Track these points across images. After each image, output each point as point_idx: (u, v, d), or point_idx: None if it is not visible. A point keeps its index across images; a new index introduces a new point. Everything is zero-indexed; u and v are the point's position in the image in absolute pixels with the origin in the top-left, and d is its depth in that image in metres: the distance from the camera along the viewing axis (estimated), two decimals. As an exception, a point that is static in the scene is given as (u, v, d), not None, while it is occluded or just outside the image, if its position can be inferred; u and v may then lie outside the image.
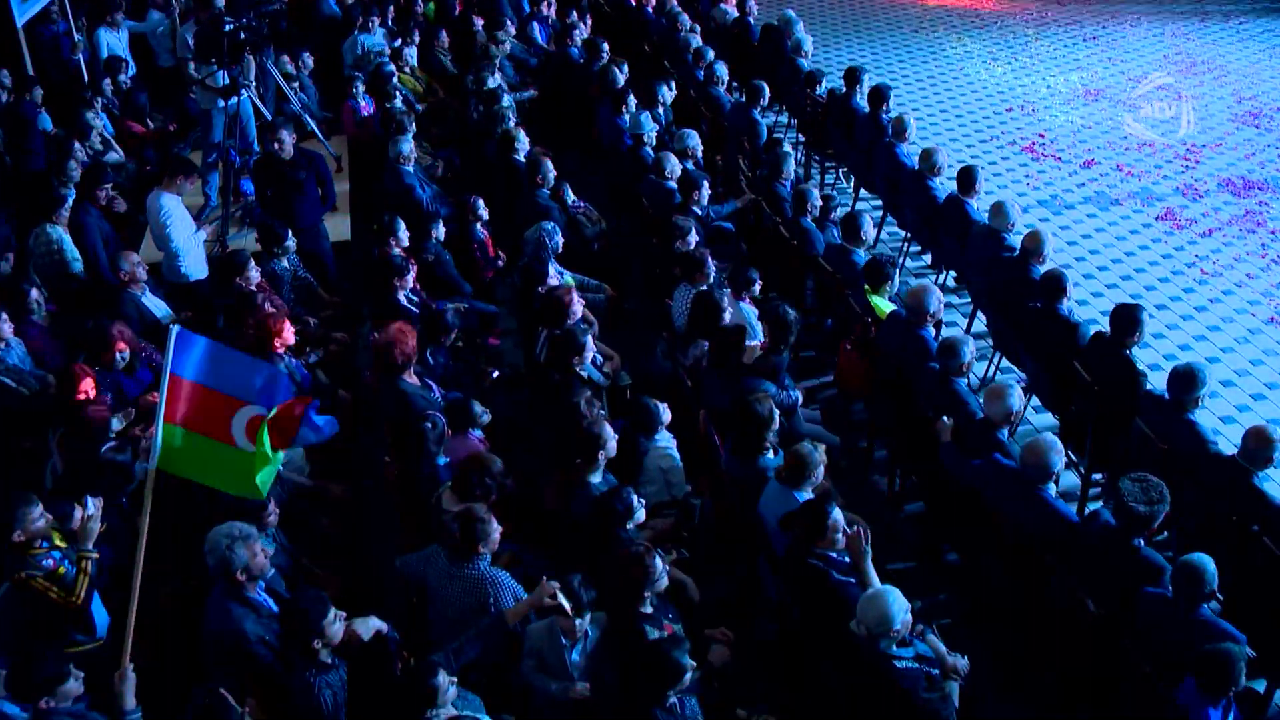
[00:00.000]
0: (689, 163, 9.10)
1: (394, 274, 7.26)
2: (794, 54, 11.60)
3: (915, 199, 8.92)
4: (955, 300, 9.31)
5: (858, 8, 17.57)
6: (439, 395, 6.56)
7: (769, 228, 8.37)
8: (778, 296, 7.20)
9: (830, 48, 15.64)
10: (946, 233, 8.56)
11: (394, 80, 10.68)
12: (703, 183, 8.18)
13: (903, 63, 15.06)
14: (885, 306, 7.14)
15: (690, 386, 6.62)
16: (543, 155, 9.78)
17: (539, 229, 7.65)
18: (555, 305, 6.67)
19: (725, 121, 10.39)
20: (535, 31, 12.82)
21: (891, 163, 9.35)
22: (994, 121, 13.05)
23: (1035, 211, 10.88)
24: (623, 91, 10.01)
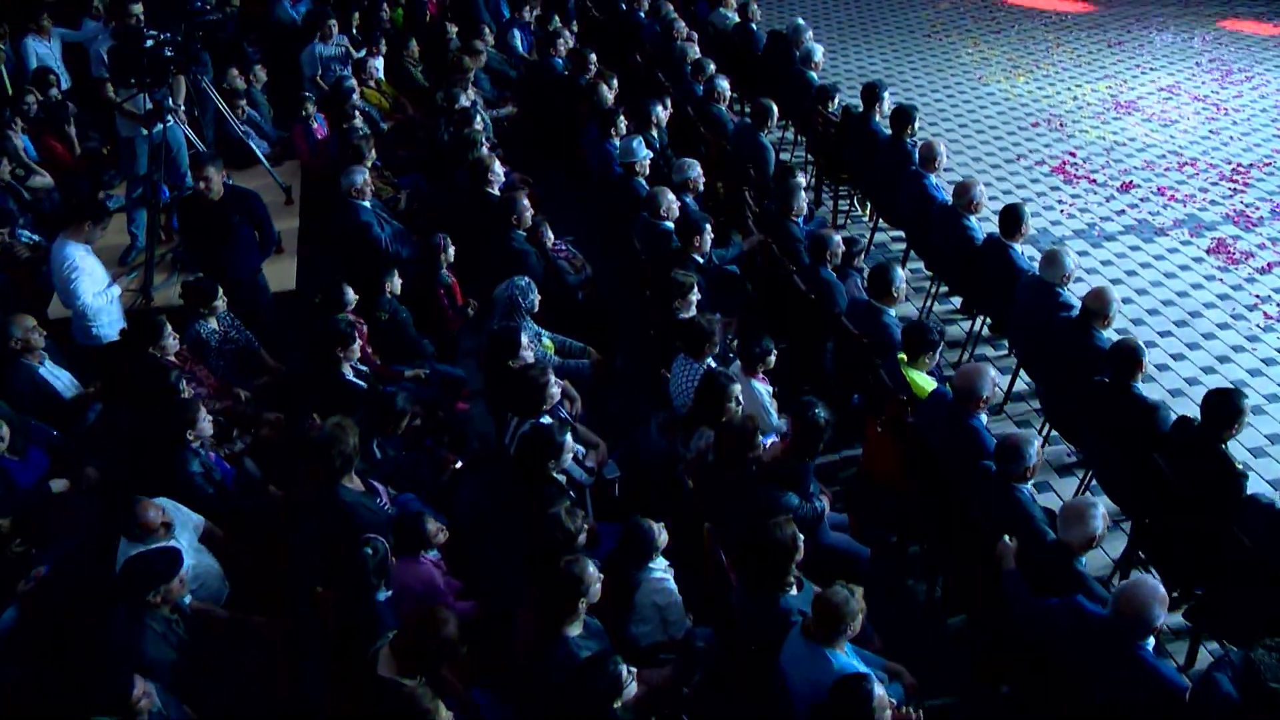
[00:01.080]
0: (689, 196, 7.93)
1: (336, 343, 6.07)
2: (803, 65, 10.41)
3: (948, 238, 7.75)
4: (991, 351, 8.16)
5: (865, 11, 16.39)
6: (386, 502, 5.39)
7: (781, 276, 7.19)
8: (809, 391, 6.02)
9: (837, 55, 14.45)
10: (987, 280, 7.40)
11: (354, 97, 9.48)
12: (705, 226, 7.00)
13: (915, 71, 13.89)
14: (925, 383, 5.98)
15: (692, 487, 5.45)
16: (521, 186, 8.61)
17: (510, 286, 6.47)
18: (528, 390, 5.50)
19: (729, 145, 9.21)
20: (515, 39, 11.61)
21: (919, 195, 8.18)
22: (1020, 139, 11.89)
23: (1072, 243, 9.72)
24: (612, 112, 8.81)
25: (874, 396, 6.23)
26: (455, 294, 7.28)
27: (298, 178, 9.05)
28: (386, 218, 8.08)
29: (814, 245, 6.98)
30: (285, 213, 8.54)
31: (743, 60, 11.72)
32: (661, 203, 7.38)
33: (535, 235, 7.49)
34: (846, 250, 7.30)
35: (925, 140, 8.26)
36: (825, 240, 6.92)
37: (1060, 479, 6.90)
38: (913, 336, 5.98)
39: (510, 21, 11.79)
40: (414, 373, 6.81)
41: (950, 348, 8.19)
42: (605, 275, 8.19)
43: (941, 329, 5.96)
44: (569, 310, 7.45)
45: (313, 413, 5.93)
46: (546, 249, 7.53)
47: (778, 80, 10.88)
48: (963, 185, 7.59)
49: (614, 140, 8.78)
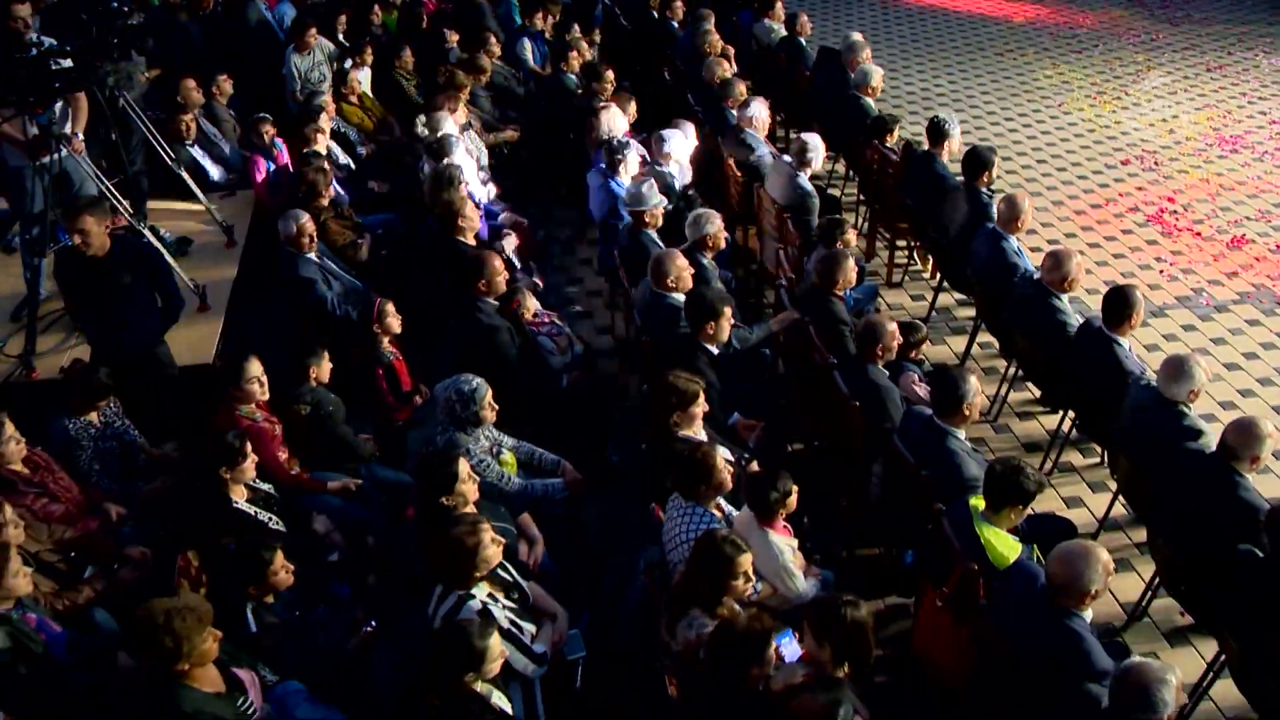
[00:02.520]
0: (707, 257, 6.37)
1: (224, 460, 4.60)
2: (857, 90, 8.80)
3: (1031, 319, 6.13)
4: (1079, 459, 6.51)
5: (931, 25, 14.70)
6: (253, 704, 3.90)
7: (819, 368, 5.62)
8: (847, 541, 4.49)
9: (898, 74, 12.80)
10: (1081, 376, 5.77)
11: (321, 118, 8.03)
12: (723, 310, 5.42)
13: (986, 95, 12.20)
14: (1007, 548, 4.38)
15: (675, 696, 3.90)
16: (509, 233, 7.10)
17: (451, 386, 4.97)
18: (453, 553, 3.98)
19: (761, 187, 7.64)
20: (525, 50, 10.11)
21: (995, 260, 6.57)
22: (1107, 179, 10.17)
23: (1175, 314, 8.03)
24: (619, 144, 7.27)
25: (933, 555, 4.64)
26: (400, 376, 5.79)
27: (249, 213, 7.62)
28: (337, 270, 6.61)
29: (863, 337, 5.39)
30: (224, 258, 7.11)
31: (789, 81, 10.15)
32: (669, 270, 5.82)
33: (510, 307, 5.98)
34: (905, 339, 5.71)
35: (1008, 195, 6.63)
36: (876, 332, 5.33)
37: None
38: (997, 482, 4.37)
39: (520, 30, 10.28)
40: (340, 483, 5.33)
41: (1028, 450, 6.57)
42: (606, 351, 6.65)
43: (1040, 480, 4.35)
44: (551, 401, 5.94)
45: (186, 549, 4.48)
46: (523, 327, 6.01)
47: (828, 105, 9.30)
48: (1056, 256, 5.96)
49: (621, 179, 7.26)
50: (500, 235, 7.34)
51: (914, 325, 5.89)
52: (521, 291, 6.05)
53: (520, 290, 6.06)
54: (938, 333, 7.76)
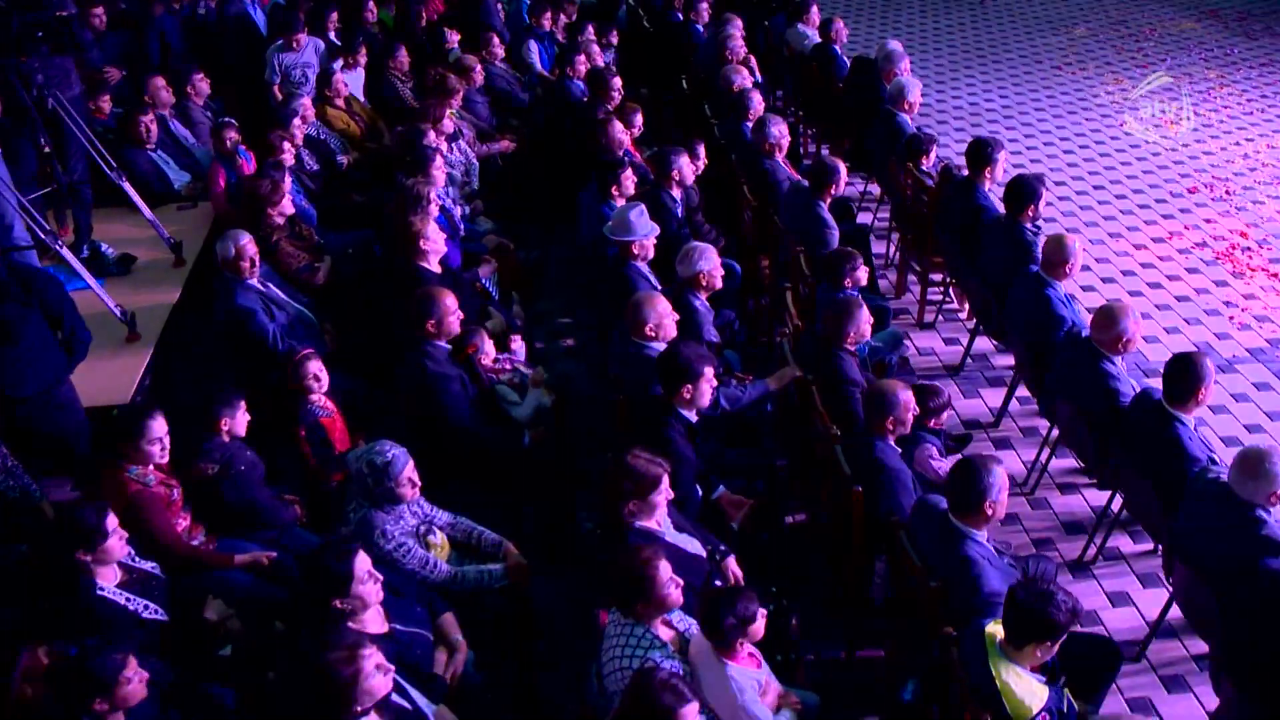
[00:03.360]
0: (700, 298, 5.52)
1: (78, 542, 3.83)
2: (892, 104, 7.88)
3: (1077, 383, 5.20)
4: (1129, 544, 5.56)
5: (984, 36, 13.68)
6: None
7: (819, 437, 4.75)
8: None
9: (945, 87, 11.84)
10: (1135, 454, 4.84)
11: (294, 123, 7.29)
12: (703, 371, 4.54)
13: (1040, 112, 11.18)
14: (1028, 698, 3.47)
15: None
16: (485, 263, 6.31)
17: (365, 459, 4.17)
18: (328, 690, 3.17)
19: (775, 213, 6.77)
20: (532, 53, 9.32)
21: (1038, 310, 5.64)
22: (1171, 209, 9.13)
23: (1246, 370, 7.01)
24: (614, 163, 6.43)
25: (937, 689, 3.75)
26: (330, 435, 5.00)
27: (206, 228, 6.88)
28: (284, 299, 5.85)
29: (871, 405, 4.50)
30: (168, 279, 6.38)
31: (821, 92, 9.26)
32: (648, 315, 4.97)
33: (462, 352, 5.17)
34: (923, 407, 4.81)
35: (1056, 236, 5.69)
36: (887, 402, 4.44)
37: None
38: (1019, 612, 3.47)
39: (527, 29, 9.47)
40: (251, 557, 4.55)
41: (1068, 531, 5.64)
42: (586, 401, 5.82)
43: (1074, 607, 3.43)
44: (510, 462, 5.13)
45: (35, 644, 3.73)
46: (479, 375, 5.19)
47: (861, 120, 8.41)
48: (1109, 314, 5.02)
49: (614, 201, 6.44)
50: (478, 260, 6.54)
51: (933, 389, 4.98)
52: (479, 334, 5.24)
53: (478, 332, 5.24)
54: (971, 384, 6.85)
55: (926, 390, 4.91)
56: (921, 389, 4.90)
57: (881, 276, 7.99)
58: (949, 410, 4.97)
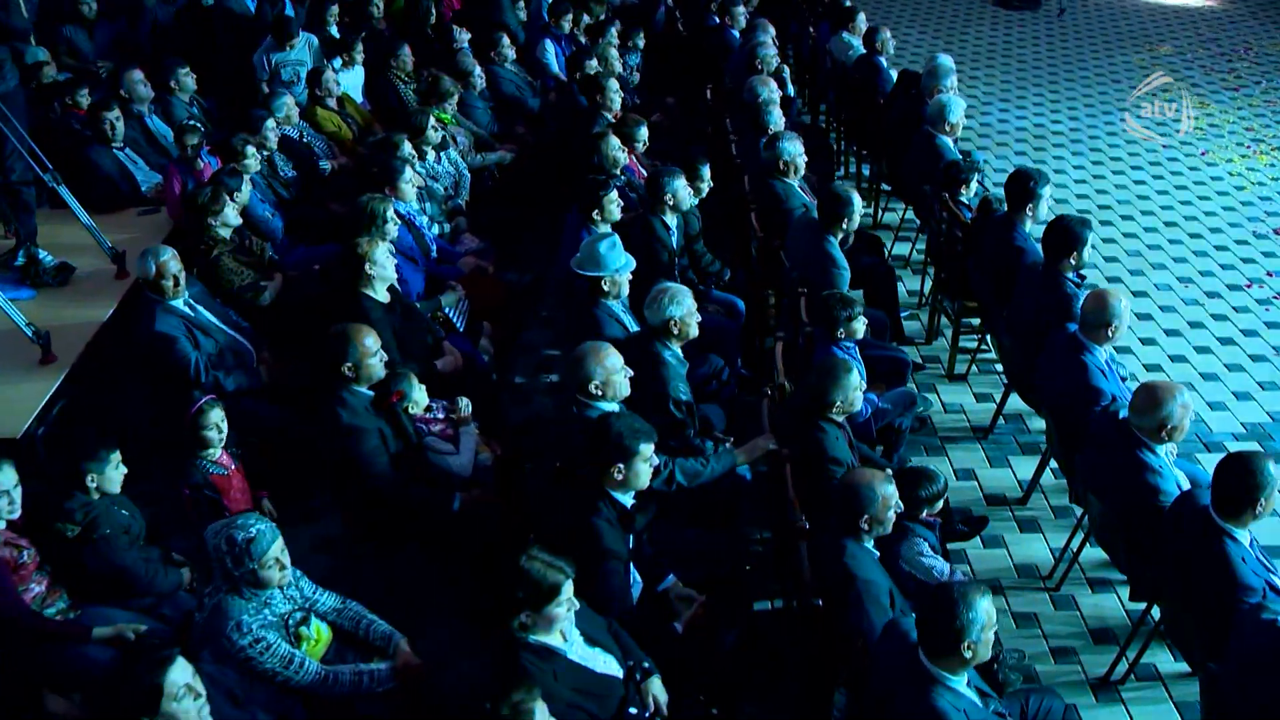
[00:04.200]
0: (671, 347, 4.76)
1: None
2: (932, 125, 7.03)
3: (1111, 475, 4.33)
4: (1165, 662, 4.66)
5: (1057, 52, 12.64)
6: None
7: (786, 531, 3.96)
8: None
9: (1009, 105, 10.87)
10: (1180, 575, 3.96)
11: (267, 125, 6.70)
12: (638, 449, 3.78)
13: (1113, 137, 10.17)
14: None
15: None
16: (450, 290, 5.67)
17: (224, 534, 3.50)
18: None
19: (782, 248, 5.98)
20: (548, 53, 8.63)
21: (1072, 378, 4.78)
22: (1254, 251, 8.11)
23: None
24: (594, 187, 5.70)
25: None
26: (226, 493, 4.35)
27: (160, 237, 6.30)
28: (214, 324, 5.22)
29: (843, 500, 3.69)
30: (106, 293, 5.82)
31: (863, 108, 8.42)
32: (592, 371, 4.22)
33: (388, 399, 4.48)
34: (912, 496, 4.00)
35: (1099, 293, 4.81)
36: (861, 496, 3.64)
37: None
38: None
39: (543, 29, 8.78)
40: (115, 630, 3.92)
41: (1096, 641, 4.77)
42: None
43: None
44: (440, 525, 4.44)
45: None
46: (405, 422, 4.49)
47: (899, 138, 7.57)
48: (1152, 395, 4.14)
49: (597, 226, 5.71)
50: (444, 287, 5.87)
51: (927, 475, 4.13)
52: (407, 379, 4.54)
53: (406, 378, 4.54)
54: (1001, 450, 5.98)
55: (918, 476, 4.07)
56: (913, 475, 4.07)
57: (912, 318, 7.16)
58: (945, 499, 4.12)
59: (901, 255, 7.91)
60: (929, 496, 4.04)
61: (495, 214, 7.09)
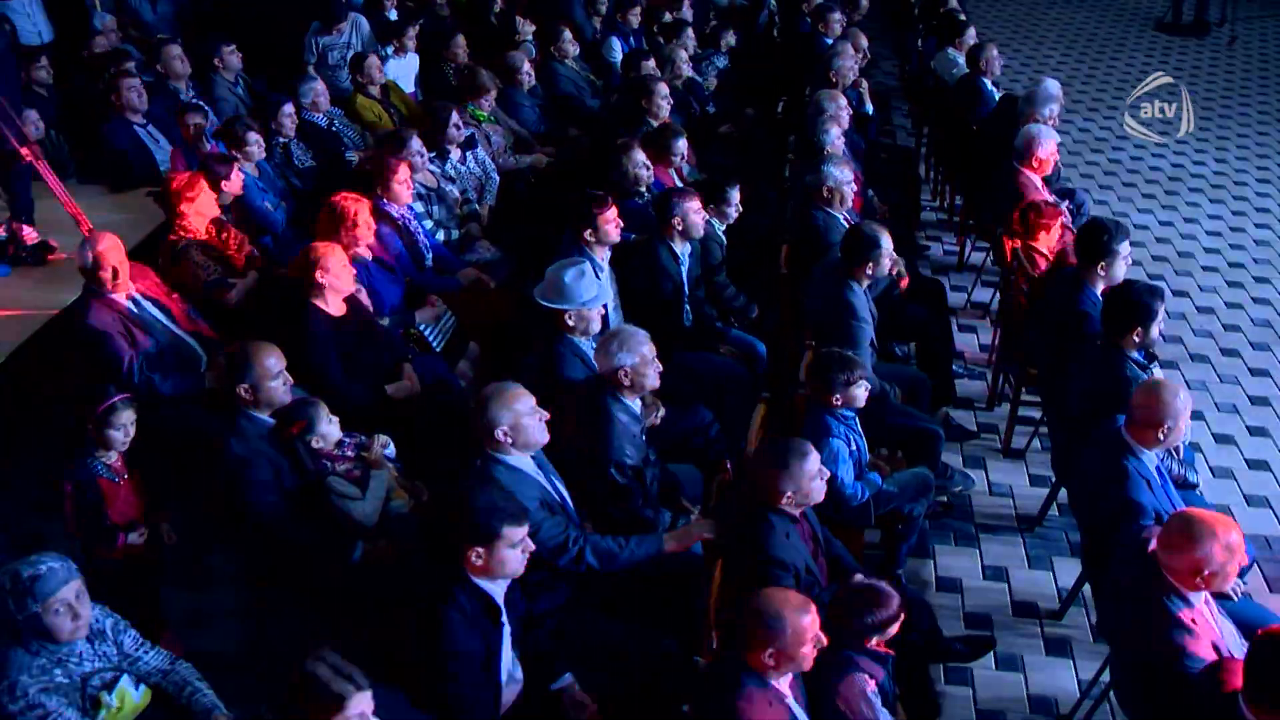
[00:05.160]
0: (623, 401, 4.07)
1: None
2: (1019, 160, 6.10)
3: (1137, 629, 3.42)
4: None
5: (1219, 80, 11.25)
6: None
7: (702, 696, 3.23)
8: None
9: (1148, 143, 9.63)
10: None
11: (283, 110, 6.32)
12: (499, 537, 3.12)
13: (1266, 184, 8.86)
14: None
15: None
16: (428, 307, 5.16)
17: (7, 574, 3.03)
18: None
19: (807, 304, 5.20)
20: (614, 51, 8.02)
21: (1112, 485, 3.86)
22: None
23: None
24: (588, 204, 5.05)
25: None
26: (111, 500, 3.92)
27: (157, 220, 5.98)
28: (160, 322, 4.81)
29: (747, 625, 2.93)
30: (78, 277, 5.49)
31: (958, 132, 7.51)
32: (497, 417, 3.57)
33: (288, 428, 3.95)
34: (853, 621, 3.21)
35: (1154, 383, 3.89)
36: (767, 624, 2.86)
37: None
38: None
39: (611, 25, 8.15)
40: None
41: None
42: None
43: None
44: (334, 575, 3.90)
45: None
46: (306, 457, 3.95)
47: (992, 169, 6.64)
48: (1187, 531, 3.22)
49: (591, 250, 5.07)
50: (423, 301, 5.33)
51: (879, 595, 3.27)
52: (315, 407, 3.99)
53: (314, 405, 4.00)
54: (1045, 548, 5.07)
55: (867, 597, 3.25)
56: (860, 595, 3.26)
57: (978, 377, 6.25)
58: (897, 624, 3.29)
59: (982, 303, 6.98)
60: (877, 623, 3.23)
61: (521, 222, 6.51)
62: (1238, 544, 3.21)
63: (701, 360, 5.25)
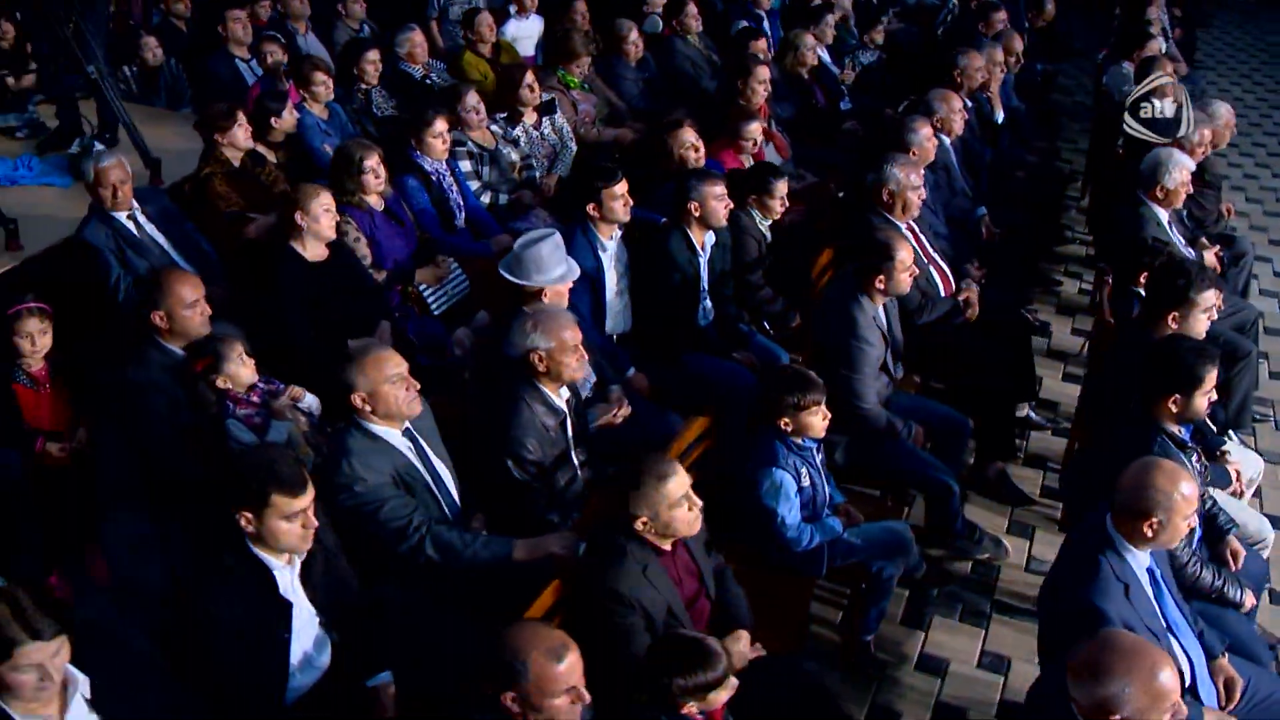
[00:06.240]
0: (539, 394, 3.66)
1: None
2: (1143, 187, 5.18)
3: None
4: None
5: None
6: None
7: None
8: None
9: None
10: None
11: (367, 56, 6.25)
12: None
13: None
14: None
15: None
16: (433, 265, 4.96)
17: None
18: None
19: (815, 315, 4.56)
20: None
21: (1082, 576, 3.09)
22: None
23: None
24: (597, 172, 4.62)
25: None
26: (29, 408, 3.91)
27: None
28: (153, 245, 4.78)
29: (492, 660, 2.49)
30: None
31: (1106, 153, 6.57)
32: (353, 381, 3.25)
33: (195, 362, 3.77)
34: (667, 682, 2.67)
35: (1145, 463, 3.08)
36: (514, 664, 2.42)
37: None
38: None
39: (740, 6, 7.61)
40: None
41: None
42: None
43: None
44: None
45: None
46: (209, 396, 3.76)
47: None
48: (1095, 662, 2.49)
49: (596, 229, 4.66)
50: (431, 261, 5.07)
51: (702, 651, 2.64)
52: (224, 345, 3.79)
53: (227, 344, 3.79)
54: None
55: (689, 652, 2.67)
56: (681, 649, 2.69)
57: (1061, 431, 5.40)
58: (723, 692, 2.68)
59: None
60: (690, 687, 2.67)
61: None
62: (1167, 688, 2.44)
63: (711, 365, 4.74)
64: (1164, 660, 2.47)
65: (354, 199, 4.89)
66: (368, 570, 3.37)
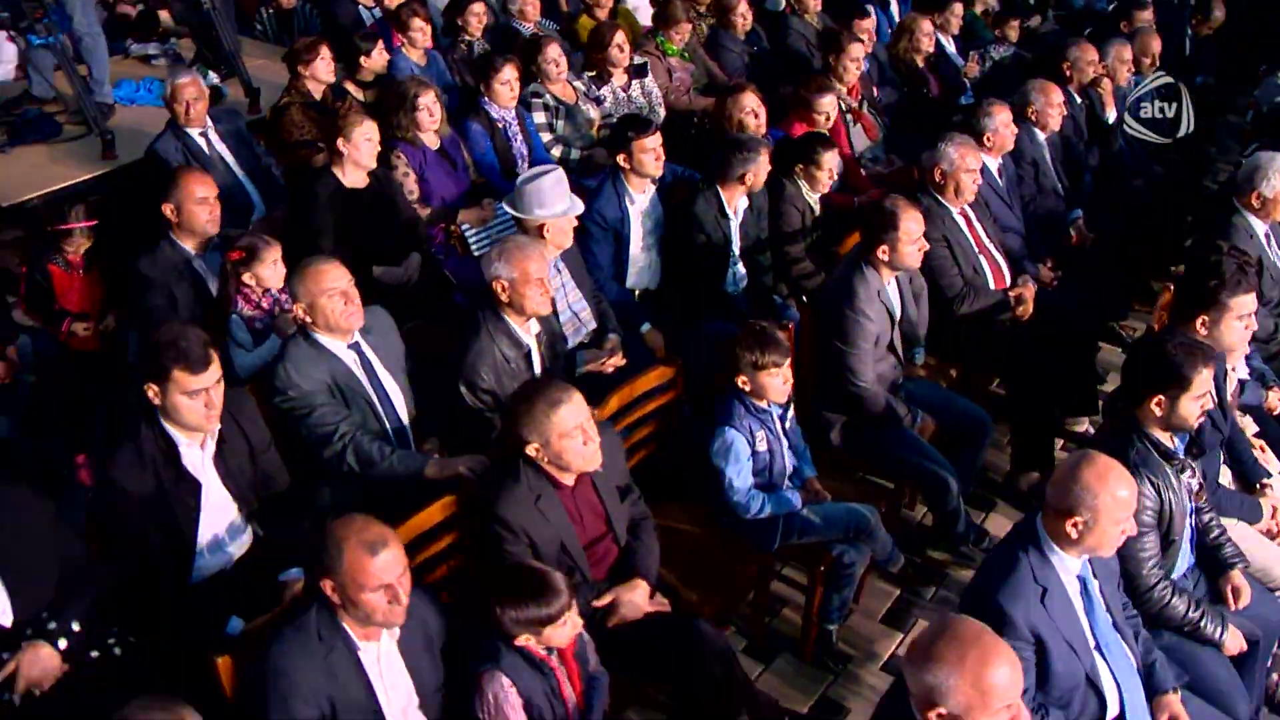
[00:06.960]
0: (503, 324, 3.66)
1: None
2: (1238, 193, 4.70)
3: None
4: None
5: None
6: None
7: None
8: None
9: None
10: None
11: (472, 7, 6.39)
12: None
13: None
14: None
15: None
16: (480, 208, 5.08)
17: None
18: None
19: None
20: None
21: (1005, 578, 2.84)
22: None
23: None
24: (628, 126, 4.57)
25: None
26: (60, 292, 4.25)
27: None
28: (221, 161, 5.05)
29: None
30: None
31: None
32: (295, 291, 3.34)
33: (228, 253, 3.94)
34: (508, 613, 2.63)
35: (1077, 457, 2.79)
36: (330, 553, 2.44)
37: None
38: None
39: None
40: None
41: None
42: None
43: None
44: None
45: None
46: (229, 292, 3.93)
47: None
48: (929, 673, 2.27)
49: (626, 180, 4.62)
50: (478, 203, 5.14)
51: (542, 584, 2.54)
52: (264, 246, 3.90)
53: (262, 245, 3.91)
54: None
55: (527, 583, 2.61)
56: (520, 579, 2.64)
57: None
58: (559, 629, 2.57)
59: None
60: (524, 619, 2.60)
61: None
62: (998, 687, 2.21)
63: (730, 332, 4.60)
64: (1003, 657, 2.23)
65: (408, 135, 5.01)
66: (307, 471, 3.47)
